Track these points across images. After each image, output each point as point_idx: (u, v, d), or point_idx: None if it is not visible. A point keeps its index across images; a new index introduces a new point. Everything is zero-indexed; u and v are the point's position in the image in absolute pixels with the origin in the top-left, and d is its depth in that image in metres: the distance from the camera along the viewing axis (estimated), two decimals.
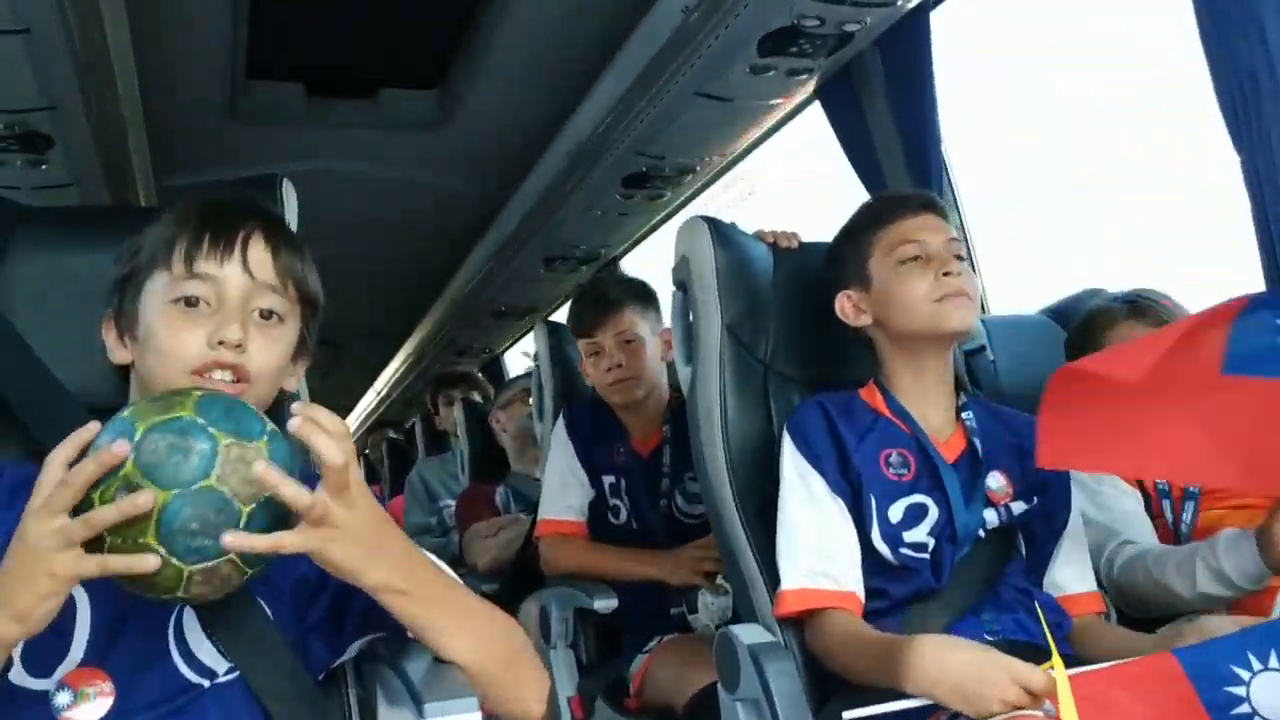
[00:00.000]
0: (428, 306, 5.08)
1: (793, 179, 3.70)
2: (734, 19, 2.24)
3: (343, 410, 7.86)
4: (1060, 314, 2.22)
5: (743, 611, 1.55)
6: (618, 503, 2.15)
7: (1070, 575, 1.49)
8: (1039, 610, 1.34)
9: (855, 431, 1.45)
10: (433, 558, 1.14)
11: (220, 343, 1.02)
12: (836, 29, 2.30)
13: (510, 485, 3.12)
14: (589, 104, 2.87)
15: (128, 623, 1.01)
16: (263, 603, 1.05)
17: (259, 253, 1.07)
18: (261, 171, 1.56)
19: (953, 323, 1.45)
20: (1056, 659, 1.14)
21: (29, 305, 1.22)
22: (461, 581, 1.15)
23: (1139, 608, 1.58)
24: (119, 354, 1.12)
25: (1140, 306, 1.81)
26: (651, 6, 2.42)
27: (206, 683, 1.04)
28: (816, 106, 2.78)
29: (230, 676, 1.05)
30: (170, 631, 1.03)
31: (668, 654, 1.93)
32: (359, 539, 0.92)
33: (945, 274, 1.44)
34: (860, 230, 1.54)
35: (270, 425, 0.92)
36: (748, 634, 1.41)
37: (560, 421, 2.24)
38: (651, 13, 2.44)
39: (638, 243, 4.05)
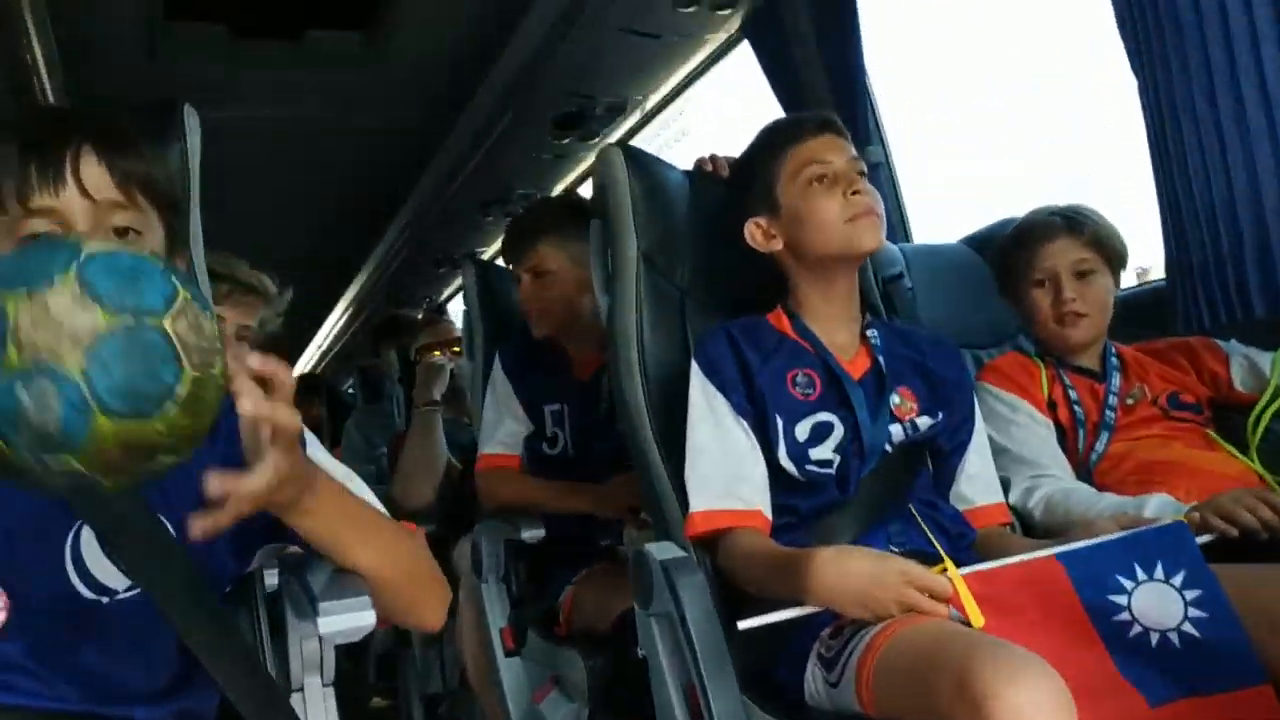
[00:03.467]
0: (366, 255, 5.03)
1: (726, 119, 3.70)
2: None
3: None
4: (980, 243, 2.25)
5: (659, 534, 1.57)
6: (557, 431, 2.14)
7: (976, 488, 1.53)
8: (916, 516, 1.38)
9: (760, 354, 1.47)
10: (338, 469, 1.14)
11: None
12: None
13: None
14: (516, 41, 2.85)
15: (24, 535, 1.01)
16: (166, 522, 1.05)
17: (93, 169, 1.01)
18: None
19: (866, 242, 1.47)
20: (948, 561, 1.18)
21: None
22: (373, 497, 1.16)
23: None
24: None
25: (1077, 221, 1.80)
26: None
27: (104, 599, 1.04)
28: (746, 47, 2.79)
29: (131, 593, 1.04)
30: (67, 549, 1.03)
31: (594, 581, 1.96)
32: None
33: (854, 193, 1.46)
34: (762, 156, 1.54)
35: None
36: (661, 551, 1.43)
37: (496, 363, 2.22)
38: None
39: (576, 185, 4.04)
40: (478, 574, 2.20)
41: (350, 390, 5.88)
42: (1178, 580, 1.20)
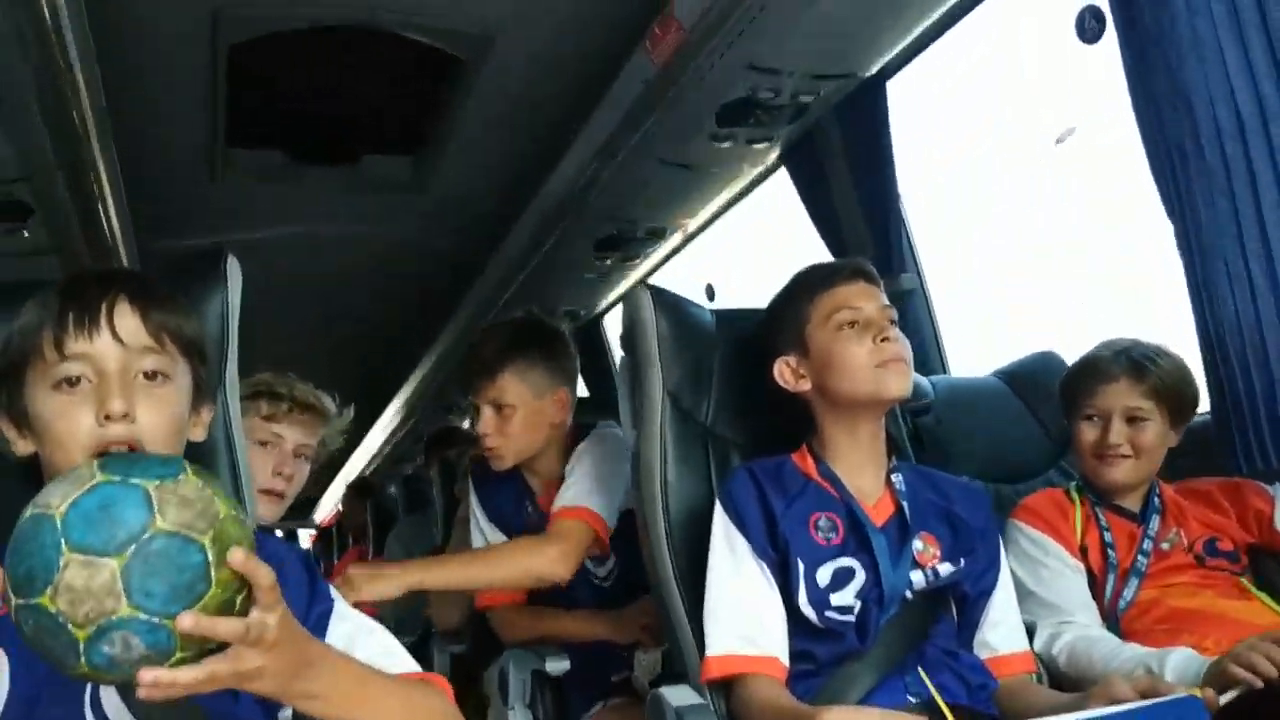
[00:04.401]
0: (415, 363, 5.14)
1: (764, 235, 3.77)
2: (691, 91, 2.32)
3: (331, 469, 7.86)
4: (1011, 376, 2.25)
5: (676, 675, 1.56)
6: None
7: (1000, 636, 1.51)
8: (922, 674, 1.36)
9: (784, 496, 1.47)
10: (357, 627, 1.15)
11: (107, 417, 1.01)
12: (792, 100, 2.38)
13: None
14: (559, 170, 2.94)
15: (44, 692, 1.02)
16: None
17: (127, 318, 1.06)
18: (242, 236, 1.61)
19: (893, 388, 1.48)
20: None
21: None
22: (398, 648, 1.16)
23: (1074, 689, 1.52)
24: (20, 446, 1.10)
25: (1141, 367, 1.75)
26: (615, 78, 2.50)
27: None
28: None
29: None
30: (86, 700, 1.04)
31: (612, 717, 1.94)
32: (286, 653, 0.89)
33: (883, 339, 1.48)
34: (796, 298, 1.56)
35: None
36: (676, 696, 1.42)
37: (470, 483, 2.16)
38: (615, 83, 2.52)
39: (617, 304, 4.11)
40: (504, 700, 2.19)
41: (394, 495, 5.94)
42: None
